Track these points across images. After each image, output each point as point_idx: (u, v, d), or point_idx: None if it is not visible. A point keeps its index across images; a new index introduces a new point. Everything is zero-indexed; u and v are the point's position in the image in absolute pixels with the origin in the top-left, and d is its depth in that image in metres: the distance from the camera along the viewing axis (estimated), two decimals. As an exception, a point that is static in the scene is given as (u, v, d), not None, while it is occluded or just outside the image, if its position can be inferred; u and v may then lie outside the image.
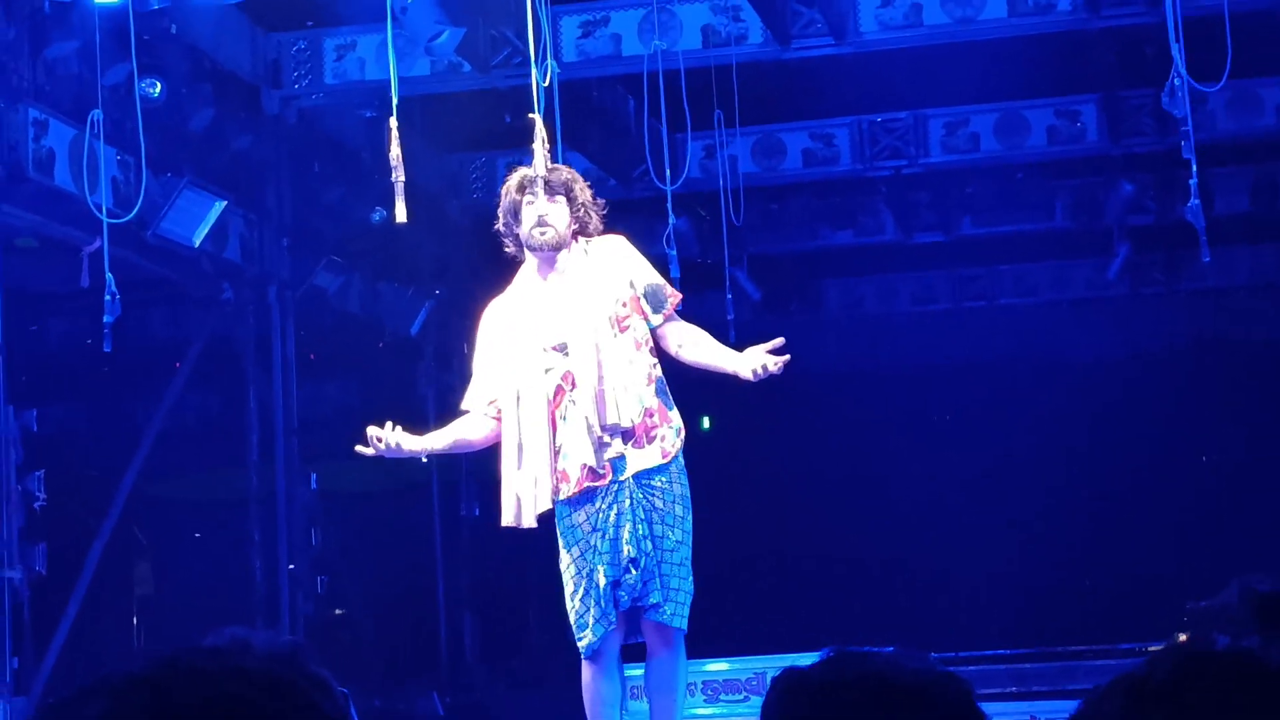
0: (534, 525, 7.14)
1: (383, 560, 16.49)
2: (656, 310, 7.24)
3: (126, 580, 15.98)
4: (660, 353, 7.32)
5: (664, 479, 7.09)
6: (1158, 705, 1.82)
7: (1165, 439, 18.00)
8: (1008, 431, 17.92)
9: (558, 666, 10.79)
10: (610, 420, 7.01)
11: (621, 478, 7.05)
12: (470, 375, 7.49)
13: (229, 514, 14.75)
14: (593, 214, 7.34)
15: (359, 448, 7.14)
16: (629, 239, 7.52)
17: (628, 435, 7.06)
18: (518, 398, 7.14)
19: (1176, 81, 9.37)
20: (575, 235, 7.32)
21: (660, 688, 7.25)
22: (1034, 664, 14.31)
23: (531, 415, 7.10)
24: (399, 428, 7.12)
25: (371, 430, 7.11)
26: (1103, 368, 18.40)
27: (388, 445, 7.10)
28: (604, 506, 7.05)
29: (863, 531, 18.08)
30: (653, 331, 7.25)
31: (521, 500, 7.11)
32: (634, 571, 6.99)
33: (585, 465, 7.03)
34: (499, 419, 7.25)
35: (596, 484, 7.04)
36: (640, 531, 7.00)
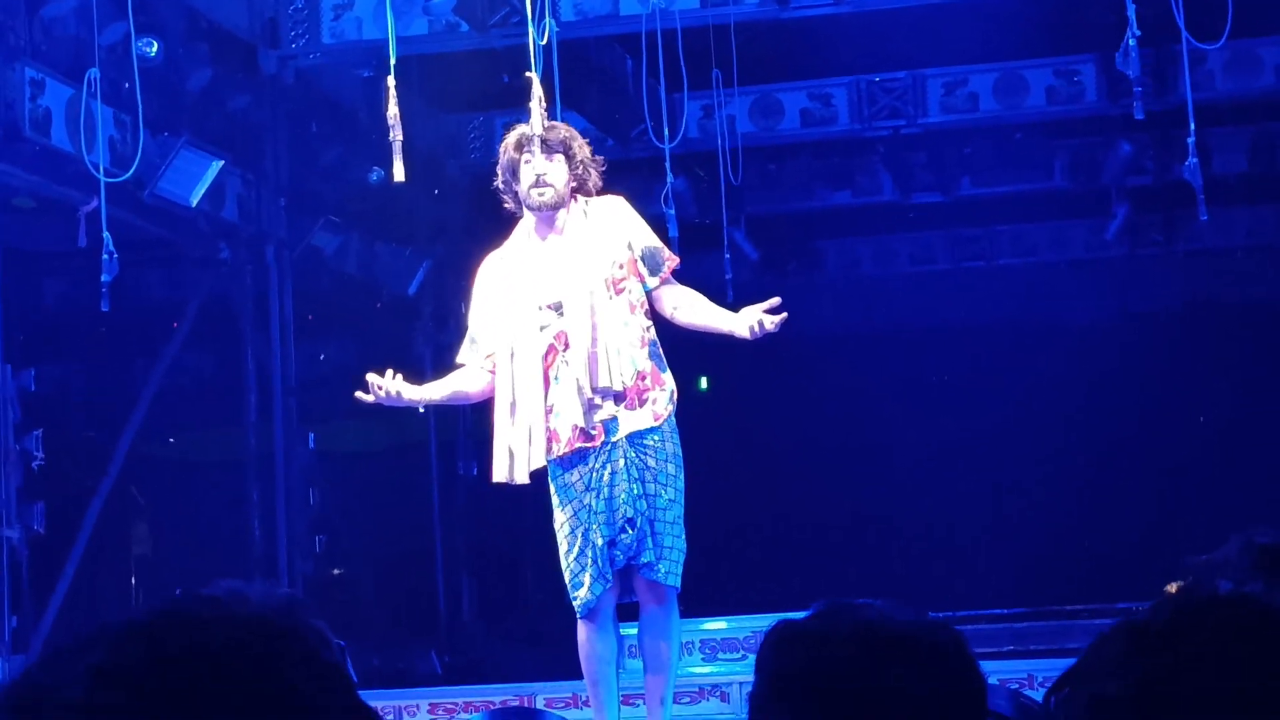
0: (526, 481, 7.17)
1: (381, 519, 16.51)
2: (653, 273, 7.24)
3: (124, 540, 15.99)
4: (656, 316, 7.32)
5: (656, 438, 7.11)
6: (1160, 649, 1.83)
7: (1162, 399, 18.01)
8: (1005, 392, 17.92)
9: (555, 624, 10.82)
10: (602, 383, 7.02)
11: (614, 439, 7.06)
12: (465, 329, 7.50)
13: (227, 474, 14.76)
14: (591, 171, 7.33)
15: (359, 394, 7.15)
16: (627, 199, 7.52)
17: (619, 397, 7.07)
18: (512, 354, 7.15)
19: (1131, 41, 9.36)
20: (574, 194, 7.31)
21: (654, 646, 7.27)
22: (1032, 623, 14.34)
23: (526, 372, 7.11)
24: (399, 376, 7.14)
25: (371, 378, 7.13)
26: (1101, 328, 18.39)
27: (387, 393, 7.12)
28: (597, 466, 7.06)
29: (860, 492, 18.09)
30: (648, 294, 7.26)
31: (515, 455, 7.13)
32: (630, 531, 7.02)
33: (576, 426, 7.05)
34: (495, 373, 7.27)
35: (588, 445, 7.06)
36: (635, 491, 7.03)
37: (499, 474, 7.21)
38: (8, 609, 11.12)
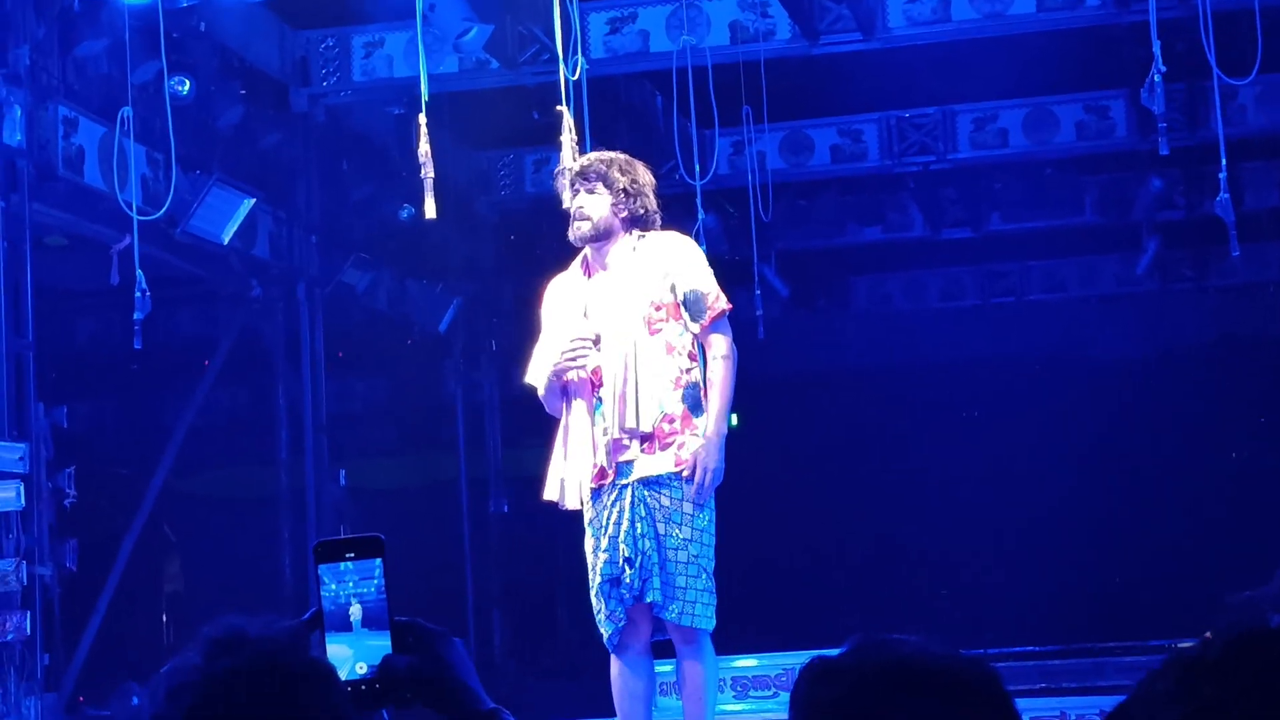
0: (577, 507, 7.13)
1: (411, 557, 16.49)
2: (694, 319, 7.08)
3: (156, 577, 16.02)
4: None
5: (675, 481, 7.02)
6: (1211, 681, 1.83)
7: (1195, 435, 17.94)
8: (1036, 428, 17.88)
9: (587, 660, 10.82)
10: (628, 424, 6.97)
11: (623, 481, 7.00)
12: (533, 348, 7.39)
13: (258, 511, 14.78)
14: (640, 198, 7.22)
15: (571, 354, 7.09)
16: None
17: (644, 438, 7.01)
18: (566, 382, 7.11)
19: (1156, 77, 9.34)
20: (630, 226, 7.20)
21: (684, 685, 7.24)
22: (1063, 661, 14.26)
23: (577, 400, 7.09)
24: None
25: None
26: (1131, 364, 18.34)
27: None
28: (609, 504, 7.04)
29: (891, 528, 18.05)
30: (694, 338, 7.16)
31: (565, 482, 7.10)
32: (630, 570, 6.97)
33: (598, 464, 7.03)
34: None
35: (602, 483, 7.04)
36: (639, 530, 6.96)
37: (550, 493, 7.18)
38: (40, 646, 11.13)
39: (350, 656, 2.45)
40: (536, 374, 7.23)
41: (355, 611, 2.47)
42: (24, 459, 11.02)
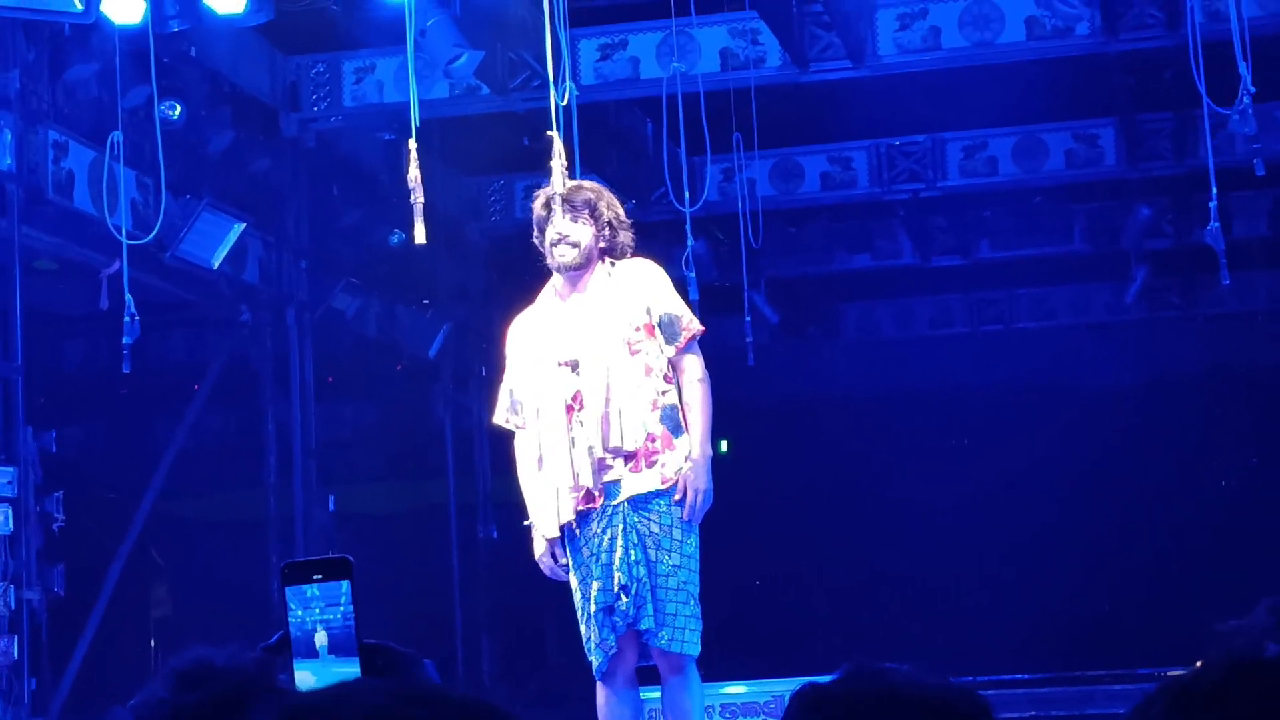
0: (556, 534, 7.14)
1: (400, 582, 16.50)
2: (669, 341, 7.16)
3: (144, 601, 15.99)
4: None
5: (663, 503, 7.03)
6: (1204, 709, 1.83)
7: (1184, 463, 17.96)
8: (1025, 455, 17.89)
9: (576, 686, 10.77)
10: (613, 443, 6.99)
11: (614, 501, 7.02)
12: (500, 390, 7.47)
13: (247, 535, 14.75)
14: (620, 232, 7.28)
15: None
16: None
17: (628, 458, 7.02)
18: (537, 411, 7.14)
19: (1245, 99, 9.34)
20: (602, 255, 7.26)
21: (672, 713, 7.23)
22: (1052, 688, 14.26)
23: (551, 428, 7.09)
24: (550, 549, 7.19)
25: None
26: (1121, 392, 18.36)
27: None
28: (599, 530, 7.04)
29: (879, 555, 18.05)
30: (669, 361, 7.21)
31: (543, 509, 7.12)
32: (625, 598, 6.96)
33: (585, 487, 7.03)
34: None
35: (590, 507, 7.04)
36: (633, 556, 6.96)
37: (536, 526, 7.24)
38: (27, 670, 11.10)
39: (316, 683, 2.44)
40: (504, 414, 7.34)
41: (320, 638, 2.46)
42: (12, 483, 11.01)
